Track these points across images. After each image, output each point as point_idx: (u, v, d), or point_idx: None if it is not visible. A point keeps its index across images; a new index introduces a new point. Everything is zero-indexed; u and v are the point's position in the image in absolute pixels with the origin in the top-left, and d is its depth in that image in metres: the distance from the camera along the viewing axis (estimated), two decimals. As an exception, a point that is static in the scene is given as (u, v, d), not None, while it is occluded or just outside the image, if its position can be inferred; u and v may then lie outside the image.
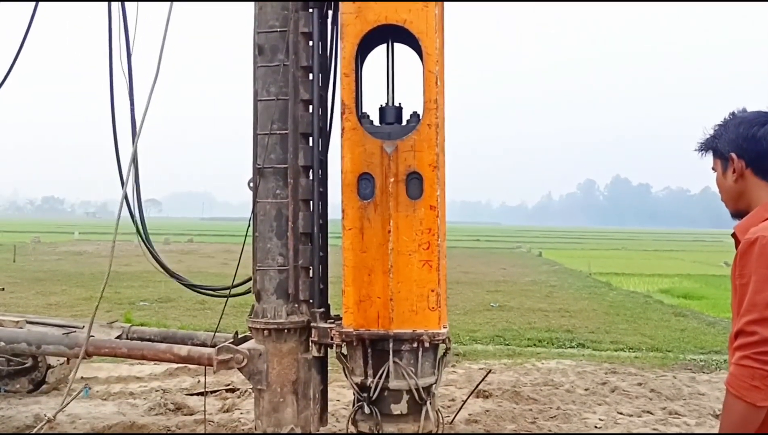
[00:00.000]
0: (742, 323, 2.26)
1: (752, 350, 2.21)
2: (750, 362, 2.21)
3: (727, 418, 2.28)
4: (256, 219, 6.56)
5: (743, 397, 2.21)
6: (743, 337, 2.25)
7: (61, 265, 29.99)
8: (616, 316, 17.06)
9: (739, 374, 2.24)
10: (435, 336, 6.18)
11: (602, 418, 8.10)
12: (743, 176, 2.51)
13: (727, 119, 2.60)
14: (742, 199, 2.54)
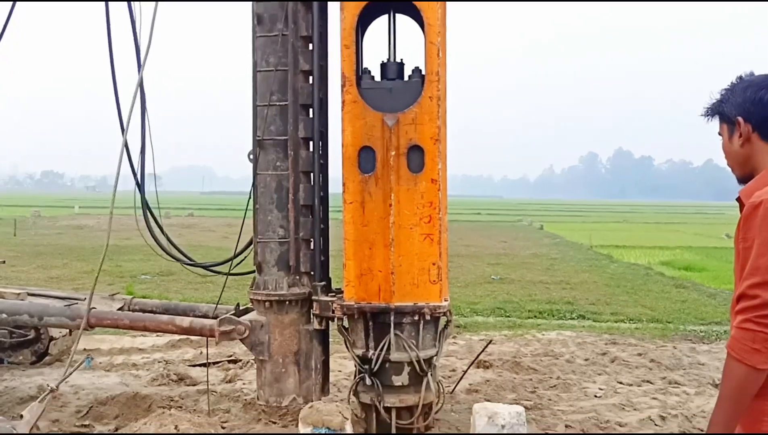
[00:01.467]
0: (745, 287, 2.26)
1: (754, 313, 2.21)
2: (751, 325, 2.22)
3: (727, 381, 2.28)
4: (257, 191, 6.57)
5: (744, 360, 2.22)
6: (745, 300, 2.25)
7: (62, 239, 30.02)
8: (616, 288, 17.09)
9: (741, 337, 2.24)
10: (436, 309, 6.22)
11: (602, 388, 8.15)
12: (750, 141, 2.49)
13: (734, 83, 2.56)
14: (749, 163, 2.51)
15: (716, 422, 2.30)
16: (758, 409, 2.29)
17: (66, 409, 6.99)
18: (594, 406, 7.43)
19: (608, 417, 7.05)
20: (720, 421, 2.29)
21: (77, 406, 7.10)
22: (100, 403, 7.09)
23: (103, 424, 6.62)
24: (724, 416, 2.29)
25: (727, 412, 2.28)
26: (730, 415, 2.28)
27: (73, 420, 6.65)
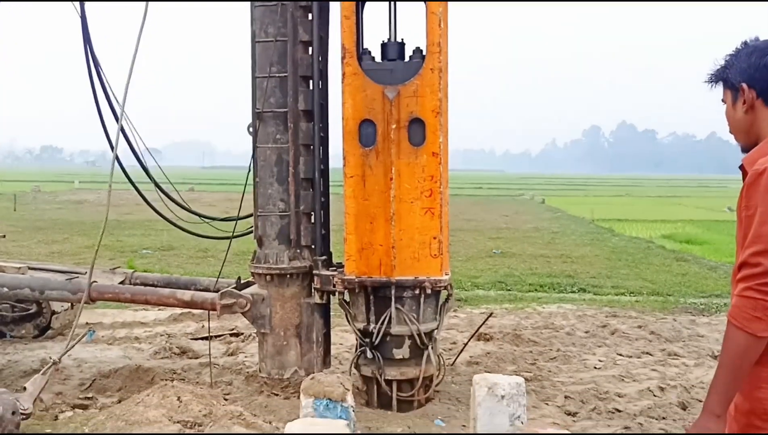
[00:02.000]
0: (747, 254, 2.25)
1: (755, 281, 2.20)
2: (753, 293, 2.20)
3: (727, 349, 2.28)
4: (257, 164, 6.56)
5: (744, 327, 2.22)
6: (747, 268, 2.24)
7: (62, 214, 30.03)
8: (617, 262, 17.11)
9: (742, 305, 2.23)
10: (437, 283, 6.24)
11: (602, 359, 8.19)
12: (753, 107, 2.45)
13: (738, 48, 2.52)
14: (752, 131, 2.48)
15: (716, 389, 2.30)
16: (757, 375, 2.30)
17: (69, 382, 7.04)
18: (593, 377, 7.48)
19: (607, 388, 7.09)
20: (720, 388, 2.29)
21: (80, 379, 7.14)
22: (103, 376, 7.14)
23: (106, 396, 6.68)
24: (724, 383, 2.29)
25: (727, 380, 2.28)
26: (730, 382, 2.28)
27: (77, 392, 6.70)
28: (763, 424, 2.29)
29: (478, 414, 4.71)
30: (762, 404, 2.30)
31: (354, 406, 4.70)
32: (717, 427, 2.29)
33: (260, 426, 4.72)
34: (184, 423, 4.52)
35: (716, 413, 2.30)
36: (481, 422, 4.70)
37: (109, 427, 4.54)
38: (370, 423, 5.60)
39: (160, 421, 4.46)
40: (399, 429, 5.19)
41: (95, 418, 4.79)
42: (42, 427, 4.93)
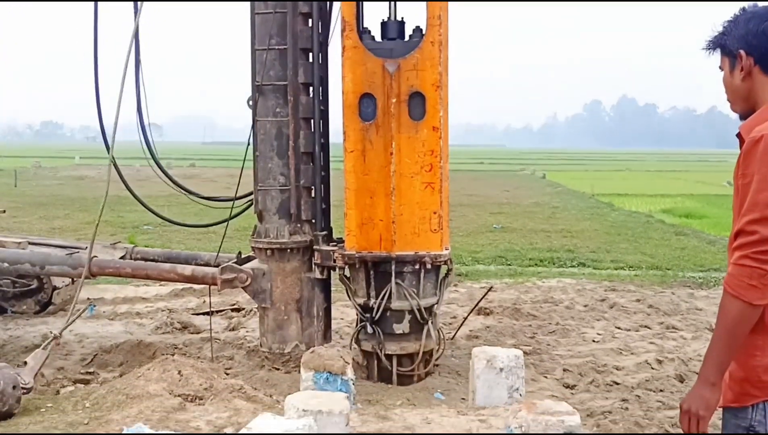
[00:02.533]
0: (743, 223, 2.24)
1: (751, 250, 2.19)
2: (749, 261, 2.20)
3: (723, 317, 2.28)
4: (257, 138, 6.55)
5: (740, 296, 2.21)
6: (743, 236, 2.23)
7: (63, 190, 29.98)
8: (617, 236, 17.12)
9: (737, 273, 2.23)
10: (437, 257, 6.25)
11: (600, 333, 8.24)
12: (751, 74, 2.41)
13: (737, 14, 2.47)
14: (749, 98, 2.45)
15: (711, 357, 2.32)
16: (751, 343, 2.30)
17: (71, 357, 7.08)
18: (592, 350, 7.53)
19: (605, 361, 7.14)
20: (715, 356, 2.31)
21: (82, 354, 7.19)
22: (104, 351, 7.19)
23: (107, 371, 6.73)
24: (719, 352, 2.30)
25: (722, 348, 2.29)
26: (725, 350, 2.29)
27: (78, 367, 6.75)
28: (757, 392, 2.30)
29: (477, 386, 4.74)
30: (756, 372, 2.31)
31: (354, 380, 4.73)
32: (712, 395, 2.31)
33: (261, 399, 4.75)
34: (184, 396, 4.55)
35: (711, 381, 2.31)
36: (479, 394, 4.73)
37: (109, 400, 4.57)
38: (370, 396, 5.65)
39: (161, 394, 4.49)
40: (399, 401, 5.23)
41: (96, 392, 4.82)
42: (43, 401, 4.96)
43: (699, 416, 2.31)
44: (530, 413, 3.59)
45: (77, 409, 4.57)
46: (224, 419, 4.27)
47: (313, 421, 3.38)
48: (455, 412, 4.50)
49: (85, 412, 4.49)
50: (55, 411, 4.61)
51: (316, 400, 3.70)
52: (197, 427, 4.12)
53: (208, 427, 4.14)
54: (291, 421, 3.30)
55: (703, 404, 2.31)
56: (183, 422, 4.17)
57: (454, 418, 4.32)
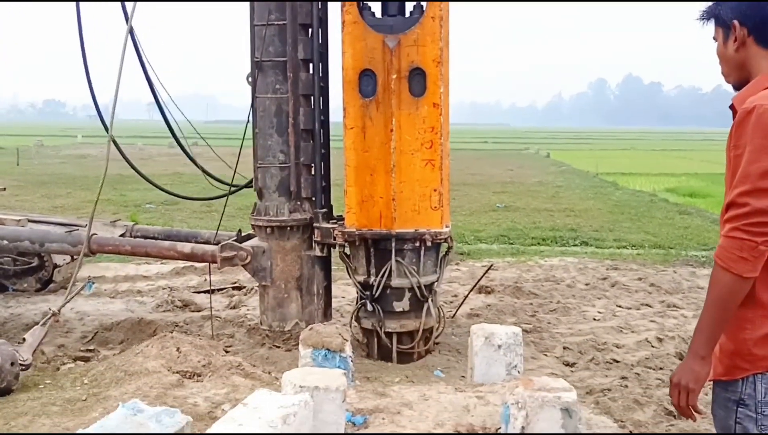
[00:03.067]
0: (734, 195, 2.21)
1: (742, 222, 2.17)
2: (739, 234, 2.18)
3: (713, 290, 2.27)
4: (256, 115, 6.51)
5: (730, 268, 2.20)
6: (734, 208, 2.21)
7: (65, 168, 29.96)
8: (620, 215, 17.08)
9: (728, 246, 2.22)
10: (437, 235, 6.23)
11: (601, 311, 8.22)
12: (745, 45, 2.38)
13: None
14: (743, 69, 2.41)
15: (701, 331, 2.30)
16: (742, 317, 2.29)
17: (71, 335, 7.09)
18: (592, 328, 7.51)
19: (606, 339, 7.13)
20: (705, 329, 2.29)
21: (83, 331, 7.20)
22: (105, 329, 7.19)
23: (108, 348, 6.73)
24: (709, 325, 2.28)
25: (712, 321, 2.27)
26: (715, 323, 2.27)
27: (78, 345, 6.75)
28: (747, 365, 2.28)
29: (475, 363, 4.74)
30: (746, 345, 2.29)
31: (352, 357, 4.73)
32: (702, 368, 2.29)
33: (259, 376, 4.76)
34: (183, 373, 4.55)
35: (701, 355, 2.29)
36: (477, 371, 4.74)
37: (108, 377, 4.58)
38: (369, 373, 5.65)
39: (159, 371, 4.50)
40: (397, 378, 5.23)
41: (95, 369, 4.83)
42: (42, 378, 4.97)
43: (689, 389, 2.30)
44: (527, 390, 3.59)
45: (75, 385, 4.59)
46: (222, 395, 4.28)
47: (309, 397, 3.38)
48: (453, 389, 4.51)
49: (83, 389, 4.50)
50: (54, 387, 4.63)
51: (313, 377, 3.70)
52: (195, 404, 4.13)
53: (205, 404, 4.15)
54: (287, 397, 3.30)
55: (693, 377, 2.30)
56: (181, 398, 4.18)
57: (452, 394, 4.32)
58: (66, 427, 3.85)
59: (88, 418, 3.93)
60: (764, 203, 2.16)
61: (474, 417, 4.01)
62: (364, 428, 3.85)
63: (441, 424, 3.90)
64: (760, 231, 2.17)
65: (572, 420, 3.54)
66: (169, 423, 3.11)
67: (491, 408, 4.11)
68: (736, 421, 2.30)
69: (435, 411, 4.06)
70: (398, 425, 3.85)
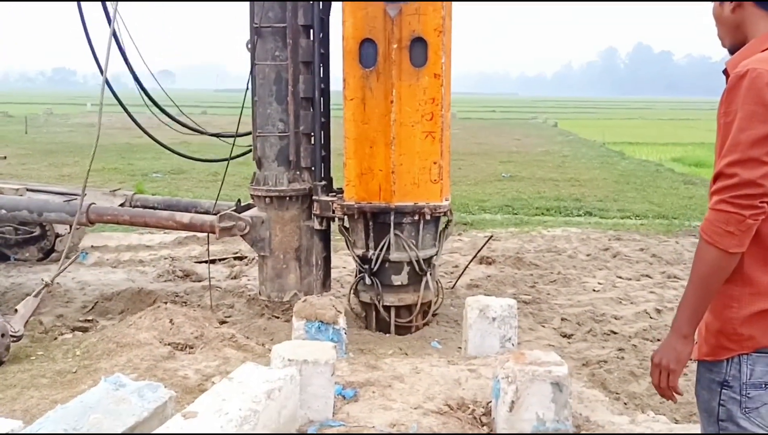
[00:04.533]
0: (723, 165, 2.09)
1: (730, 194, 2.05)
2: (726, 206, 2.06)
3: (698, 265, 2.16)
4: (255, 83, 6.45)
5: (716, 243, 2.09)
6: (722, 179, 2.09)
7: (74, 137, 29.91)
8: (625, 185, 17.01)
9: (714, 219, 2.09)
10: (436, 208, 6.20)
11: (601, 282, 8.22)
12: (742, 6, 2.25)
13: None
14: (739, 32, 2.29)
15: (684, 308, 2.21)
16: (727, 294, 2.19)
17: (72, 305, 7.13)
18: (591, 299, 7.52)
19: (604, 310, 7.13)
20: (688, 306, 2.20)
21: (83, 301, 7.24)
22: (105, 299, 7.22)
23: (107, 319, 6.75)
24: (693, 302, 2.19)
25: (696, 298, 2.18)
26: (700, 299, 2.18)
27: (78, 315, 6.77)
28: (733, 345, 2.19)
29: (469, 336, 4.74)
30: (732, 324, 2.19)
31: (346, 329, 4.73)
32: (684, 347, 2.21)
33: (252, 348, 4.77)
34: (174, 345, 4.56)
35: (683, 333, 2.21)
36: (471, 344, 4.73)
37: (100, 348, 4.59)
38: (364, 345, 5.67)
39: (151, 343, 4.51)
40: (391, 350, 5.24)
41: (87, 341, 4.85)
42: (34, 349, 5.00)
43: (669, 369, 2.21)
44: (517, 363, 3.58)
45: (67, 357, 4.60)
46: (213, 368, 4.28)
47: (296, 371, 3.38)
48: (446, 362, 4.51)
49: (74, 361, 4.51)
50: (46, 359, 4.65)
51: (303, 350, 3.70)
52: (185, 376, 4.15)
53: (196, 376, 4.17)
54: (273, 371, 3.30)
55: (674, 357, 2.21)
56: (171, 371, 4.19)
57: (444, 367, 4.32)
58: (54, 400, 3.87)
59: (76, 390, 3.95)
60: (754, 174, 2.04)
61: (465, 390, 4.01)
62: (354, 401, 3.86)
63: (431, 397, 3.91)
64: (749, 203, 2.05)
65: (563, 394, 3.54)
66: (151, 398, 3.11)
67: (483, 381, 4.11)
68: (720, 404, 2.21)
69: (426, 384, 4.07)
70: (388, 398, 3.86)
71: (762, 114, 2.05)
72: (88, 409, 3.07)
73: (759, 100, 2.06)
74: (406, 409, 3.79)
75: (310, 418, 3.63)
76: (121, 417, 3.03)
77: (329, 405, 3.70)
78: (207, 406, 3.00)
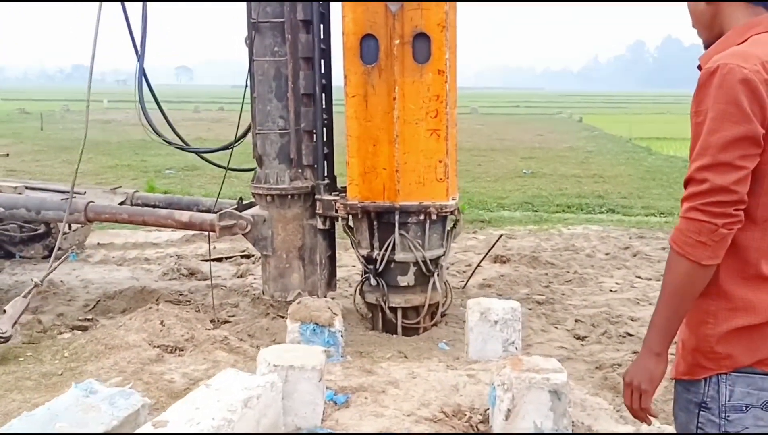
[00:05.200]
0: (693, 169, 1.90)
1: (701, 201, 1.87)
2: (698, 214, 1.87)
3: (668, 279, 1.96)
4: (254, 79, 6.29)
5: (687, 254, 1.89)
6: (693, 185, 1.90)
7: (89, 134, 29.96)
8: (651, 181, 16.66)
9: (685, 228, 1.90)
10: (443, 208, 5.99)
11: (619, 282, 7.96)
12: None
13: None
14: (715, 24, 2.09)
15: (655, 325, 2.01)
16: (703, 309, 2.00)
17: (74, 303, 7.03)
18: (608, 300, 7.27)
19: (621, 311, 6.88)
20: (659, 323, 2.00)
21: (85, 300, 7.13)
22: (108, 297, 7.11)
23: (108, 318, 6.60)
24: (664, 318, 1.99)
25: (668, 314, 1.98)
26: (672, 315, 1.98)
27: (79, 314, 6.65)
28: (710, 364, 2.00)
29: (470, 339, 4.56)
30: (708, 342, 2.00)
31: (342, 331, 4.55)
32: (656, 366, 2.01)
33: (244, 350, 4.60)
34: (164, 347, 4.41)
35: (656, 351, 2.01)
36: (472, 348, 4.54)
37: (88, 350, 4.46)
38: (364, 348, 5.45)
39: (140, 345, 4.36)
40: (389, 354, 5.03)
41: (77, 342, 4.71)
42: (23, 350, 4.87)
43: (641, 390, 2.02)
44: (514, 370, 3.39)
45: (55, 359, 4.47)
46: (201, 371, 4.12)
47: (277, 378, 3.20)
48: (444, 366, 4.32)
49: (61, 363, 4.38)
50: (34, 360, 4.52)
51: (291, 354, 3.54)
52: (171, 380, 3.99)
53: (182, 380, 4.01)
54: (253, 377, 3.14)
55: (647, 377, 2.02)
56: (157, 374, 4.04)
57: (442, 372, 4.14)
58: (36, 403, 3.73)
59: (59, 394, 3.80)
60: (726, 179, 1.85)
61: (462, 397, 3.81)
62: (345, 407, 3.68)
63: (426, 403, 3.71)
64: (722, 211, 1.86)
65: (561, 402, 3.34)
66: (123, 405, 2.96)
67: (481, 387, 3.91)
68: (698, 426, 2.02)
69: (422, 390, 3.87)
70: (381, 404, 3.68)
71: (734, 114, 1.87)
72: (54, 417, 2.94)
73: (731, 98, 1.87)
74: (399, 416, 3.61)
75: (297, 425, 3.48)
76: (89, 426, 2.89)
77: (318, 412, 3.54)
78: (180, 415, 2.85)
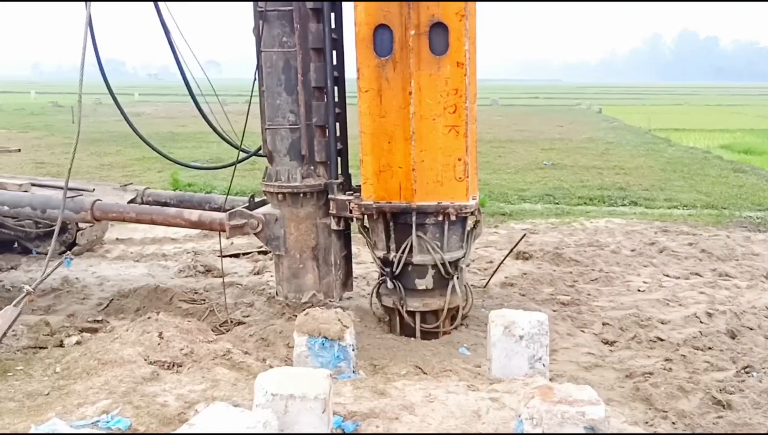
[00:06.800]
0: None
1: None
2: None
3: None
4: (262, 72, 6.01)
5: None
6: None
7: (119, 126, 29.75)
8: (672, 173, 16.30)
9: None
10: (462, 208, 5.70)
11: (646, 281, 7.66)
12: None
13: None
14: None
15: None
16: None
17: (88, 302, 6.89)
18: (636, 301, 6.97)
19: (650, 313, 6.59)
20: None
21: (99, 298, 6.99)
22: (122, 296, 6.93)
23: (119, 318, 6.42)
24: None
25: None
26: None
27: (89, 314, 6.47)
28: None
29: (493, 356, 4.20)
30: None
31: (354, 344, 4.26)
32: None
33: (248, 366, 4.31)
34: (160, 363, 4.13)
35: None
36: (495, 365, 4.18)
37: (80, 365, 4.21)
38: (377, 358, 5.14)
39: (135, 361, 4.08)
40: (404, 370, 4.70)
41: (70, 355, 4.48)
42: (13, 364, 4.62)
43: None
44: (545, 402, 3.04)
45: (45, 375, 4.24)
46: (198, 393, 3.82)
47: (271, 415, 2.90)
48: (465, 387, 3.99)
49: (50, 380, 4.14)
50: (23, 375, 4.29)
51: (291, 380, 3.22)
52: (164, 403, 3.70)
53: (177, 403, 3.72)
54: (244, 415, 2.82)
55: None
56: (149, 396, 3.75)
57: (462, 395, 3.82)
58: (15, 429, 3.50)
59: (41, 419, 3.55)
60: None
61: (485, 425, 3.49)
62: (351, 438, 3.36)
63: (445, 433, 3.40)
64: None
65: (598, 439, 2.99)
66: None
67: (506, 413, 3.59)
68: None
69: (440, 416, 3.57)
70: (394, 434, 3.37)
71: None
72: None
73: None
74: (413, 451, 3.29)
75: (297, 464, 3.14)
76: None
77: (321, 445, 3.20)
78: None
